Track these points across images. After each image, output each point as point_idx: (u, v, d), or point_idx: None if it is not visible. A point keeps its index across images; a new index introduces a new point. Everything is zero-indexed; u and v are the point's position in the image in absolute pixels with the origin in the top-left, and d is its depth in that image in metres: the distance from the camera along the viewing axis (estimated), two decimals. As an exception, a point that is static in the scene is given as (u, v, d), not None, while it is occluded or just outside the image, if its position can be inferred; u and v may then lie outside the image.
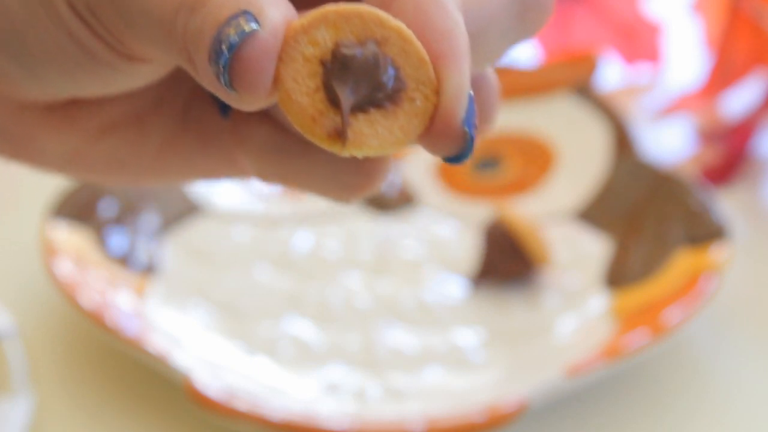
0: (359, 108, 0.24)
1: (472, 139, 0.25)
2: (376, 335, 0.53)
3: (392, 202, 0.62)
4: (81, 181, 0.31)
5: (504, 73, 0.67)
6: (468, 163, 0.64)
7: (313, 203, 0.62)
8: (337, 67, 0.24)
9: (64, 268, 0.52)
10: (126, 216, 0.57)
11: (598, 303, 0.54)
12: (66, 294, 0.51)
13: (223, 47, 0.24)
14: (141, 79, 0.28)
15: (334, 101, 0.24)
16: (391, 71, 0.24)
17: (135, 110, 0.30)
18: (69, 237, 0.55)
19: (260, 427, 0.46)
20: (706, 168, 0.64)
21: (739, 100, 0.66)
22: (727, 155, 0.64)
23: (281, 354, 0.52)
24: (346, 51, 0.24)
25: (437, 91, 0.24)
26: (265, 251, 0.58)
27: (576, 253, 0.57)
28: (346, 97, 0.24)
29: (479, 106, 0.27)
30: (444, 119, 0.25)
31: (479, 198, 0.62)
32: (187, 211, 0.60)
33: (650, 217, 0.57)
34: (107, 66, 0.27)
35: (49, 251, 0.53)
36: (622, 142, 0.62)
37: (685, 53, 0.73)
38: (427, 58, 0.24)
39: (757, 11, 0.65)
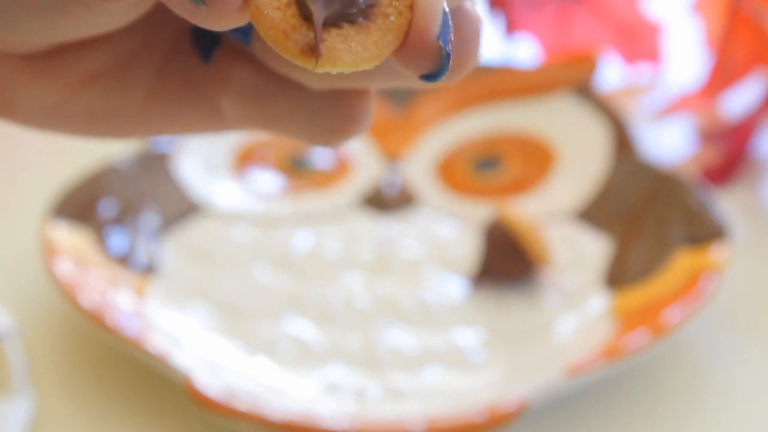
0: (332, 23, 0.24)
1: (447, 55, 0.25)
2: (376, 335, 0.53)
3: (392, 202, 0.62)
4: (62, 135, 0.30)
5: (504, 73, 0.67)
6: (468, 163, 0.64)
7: (314, 203, 0.62)
8: None
9: (64, 268, 0.52)
10: (126, 216, 0.57)
11: (598, 303, 0.54)
12: (66, 294, 0.51)
13: None
14: (117, 17, 0.27)
15: (306, 16, 0.24)
16: None
17: (115, 60, 0.29)
18: (69, 237, 0.55)
19: (260, 427, 0.46)
20: (706, 168, 0.64)
21: (739, 100, 0.66)
22: (727, 155, 0.64)
23: (281, 354, 0.52)
24: None
25: (411, 7, 0.24)
26: (265, 251, 0.58)
27: (576, 253, 0.57)
28: (319, 11, 0.24)
29: (460, 39, 0.27)
30: (418, 34, 0.25)
31: (479, 198, 0.62)
32: (187, 211, 0.60)
33: (650, 217, 0.57)
34: (81, 4, 0.26)
35: (49, 251, 0.53)
36: (622, 142, 0.62)
37: (685, 53, 0.73)
38: None
39: (757, 11, 0.65)
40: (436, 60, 0.25)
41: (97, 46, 0.29)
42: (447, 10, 0.25)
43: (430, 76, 0.25)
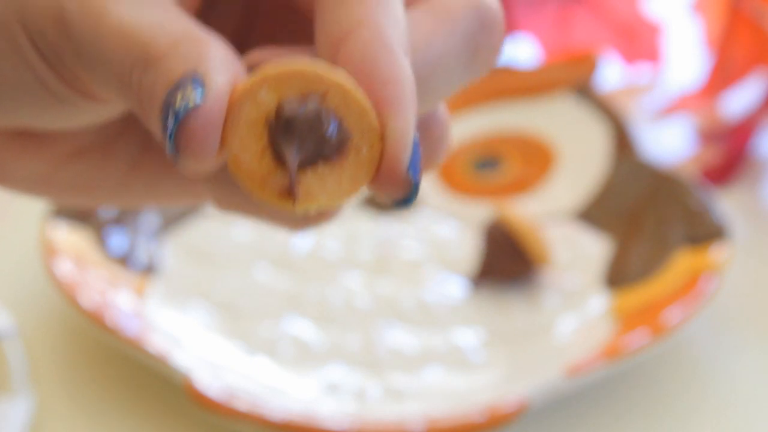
0: (307, 163, 0.25)
1: (416, 185, 0.25)
2: (376, 335, 0.53)
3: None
4: (50, 202, 0.31)
5: (504, 73, 0.67)
6: (468, 163, 0.64)
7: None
8: (281, 127, 0.24)
9: (64, 268, 0.52)
10: (126, 216, 0.57)
11: (598, 303, 0.54)
12: (66, 294, 0.51)
13: (169, 118, 0.24)
14: (103, 115, 0.28)
15: (281, 160, 0.24)
16: (334, 124, 0.24)
17: (101, 137, 0.30)
18: (69, 237, 0.55)
19: (260, 427, 0.46)
20: (706, 168, 0.64)
21: (739, 100, 0.66)
22: (727, 155, 0.64)
23: (281, 354, 0.52)
24: (288, 110, 0.24)
25: (382, 138, 0.25)
26: (265, 251, 0.58)
27: (576, 253, 0.57)
28: (293, 156, 0.24)
29: (429, 144, 0.28)
30: (388, 166, 0.25)
31: (479, 198, 0.62)
32: (187, 211, 0.60)
33: (650, 217, 0.57)
34: (70, 104, 0.27)
35: (49, 251, 0.53)
36: (622, 142, 0.62)
37: (685, 53, 0.73)
38: (368, 106, 0.25)
39: (757, 11, 0.65)
40: (405, 190, 0.25)
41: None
42: (417, 139, 0.25)
43: (400, 203, 0.26)
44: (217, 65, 0.24)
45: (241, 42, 0.30)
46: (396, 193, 0.25)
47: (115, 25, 0.25)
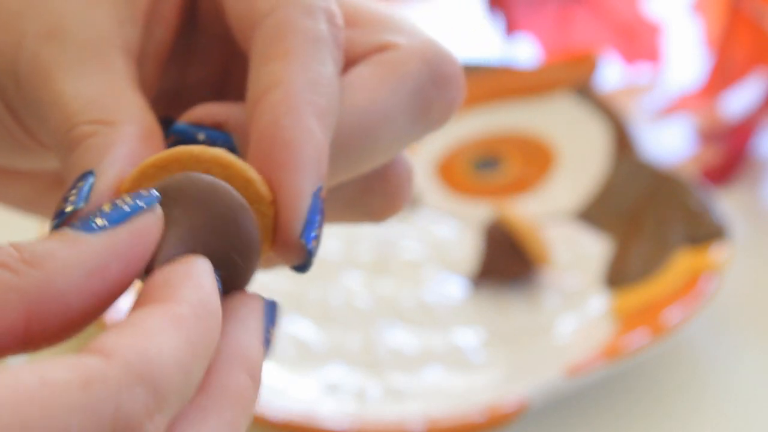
0: None
1: (310, 253, 0.25)
2: (376, 335, 0.53)
3: (392, 202, 0.61)
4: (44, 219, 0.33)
5: (504, 73, 0.67)
6: (468, 163, 0.64)
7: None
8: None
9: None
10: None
11: (598, 303, 0.54)
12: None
13: (58, 215, 0.25)
14: None
15: None
16: None
17: None
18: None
19: (260, 427, 0.46)
20: (706, 168, 0.64)
21: (739, 100, 0.66)
22: (727, 155, 0.64)
23: (281, 354, 0.52)
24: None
25: (273, 203, 0.25)
26: (265, 251, 0.58)
27: (576, 253, 0.57)
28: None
29: (387, 193, 0.28)
30: (281, 233, 0.25)
31: (479, 198, 0.62)
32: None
33: (650, 217, 0.57)
34: (33, 151, 0.28)
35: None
36: (622, 142, 0.62)
37: (685, 53, 0.73)
38: (253, 175, 0.24)
39: (757, 11, 0.65)
40: (300, 257, 0.25)
41: None
42: (318, 203, 0.25)
43: (297, 268, 0.26)
44: (107, 165, 0.25)
45: (222, 86, 0.30)
46: (291, 259, 0.26)
47: (56, 93, 0.26)
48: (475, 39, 0.79)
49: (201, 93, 0.30)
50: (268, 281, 0.56)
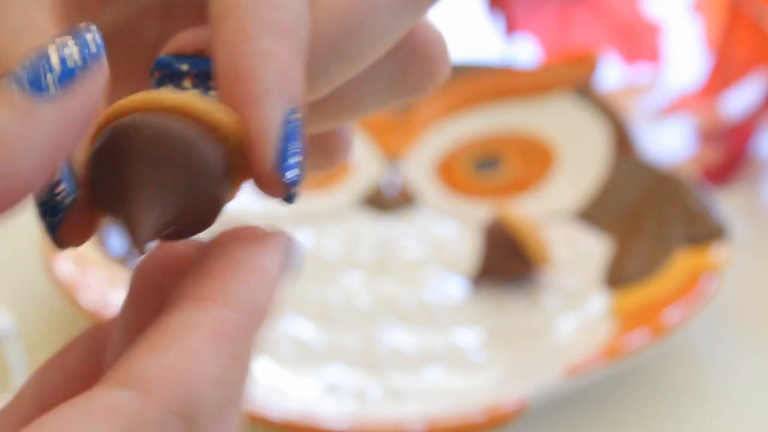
0: None
1: (290, 184, 0.24)
2: (376, 335, 0.53)
3: (392, 202, 0.62)
4: None
5: (504, 73, 0.67)
6: (468, 163, 0.64)
7: (314, 203, 0.62)
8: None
9: (64, 268, 0.52)
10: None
11: (598, 303, 0.54)
12: (66, 294, 0.51)
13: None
14: None
15: None
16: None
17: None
18: (69, 237, 0.54)
19: (260, 427, 0.46)
20: (706, 168, 0.64)
21: (739, 100, 0.66)
22: (727, 155, 0.64)
23: (281, 354, 0.52)
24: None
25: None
26: (265, 251, 0.58)
27: (576, 253, 0.57)
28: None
29: (428, 63, 0.26)
30: (255, 168, 0.23)
31: (479, 198, 0.62)
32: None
33: (650, 217, 0.57)
34: None
35: (49, 251, 0.53)
36: (622, 142, 0.62)
37: (685, 53, 0.73)
38: (218, 116, 0.23)
39: (757, 11, 0.65)
40: (281, 189, 0.24)
41: None
42: (293, 124, 0.23)
43: (285, 201, 0.24)
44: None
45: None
46: (272, 194, 0.24)
47: None
48: (475, 39, 0.79)
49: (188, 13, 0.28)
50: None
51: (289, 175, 0.24)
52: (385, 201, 0.62)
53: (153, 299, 0.25)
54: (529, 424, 0.48)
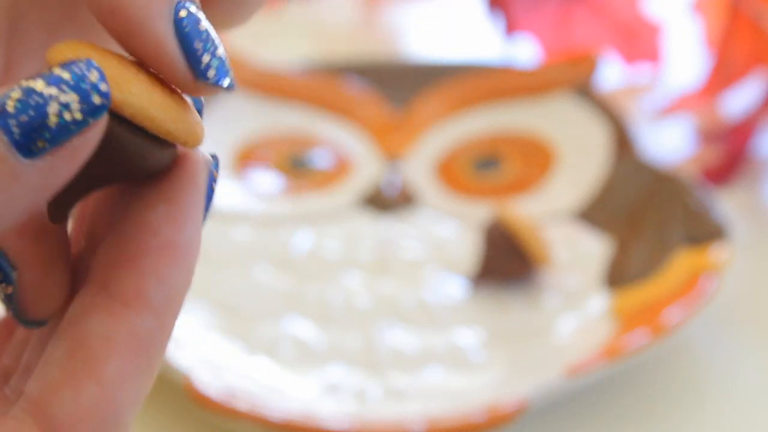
0: None
1: (214, 81, 0.22)
2: (376, 335, 0.53)
3: (392, 202, 0.62)
4: None
5: (504, 73, 0.67)
6: (468, 163, 0.64)
7: (314, 203, 0.62)
8: None
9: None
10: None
11: (598, 303, 0.54)
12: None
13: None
14: None
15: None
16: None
17: None
18: (69, 237, 0.54)
19: (260, 427, 0.46)
20: (706, 168, 0.64)
21: (739, 100, 0.66)
22: (727, 155, 0.64)
23: (281, 354, 0.52)
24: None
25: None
26: (265, 251, 0.58)
27: (576, 253, 0.57)
28: None
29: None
30: (174, 83, 0.22)
31: (479, 198, 0.62)
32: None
33: (650, 217, 0.57)
34: None
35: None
36: (622, 142, 0.62)
37: (685, 53, 0.73)
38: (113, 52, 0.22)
39: (757, 11, 0.65)
40: (208, 88, 0.22)
41: None
42: (187, 20, 0.22)
43: (226, 90, 0.23)
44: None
45: None
46: (201, 94, 0.22)
47: None
48: (475, 39, 0.79)
49: None
50: (268, 281, 0.56)
51: (211, 73, 0.22)
52: (385, 201, 0.62)
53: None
54: (529, 424, 0.48)
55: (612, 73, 0.71)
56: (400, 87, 0.68)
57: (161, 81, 0.22)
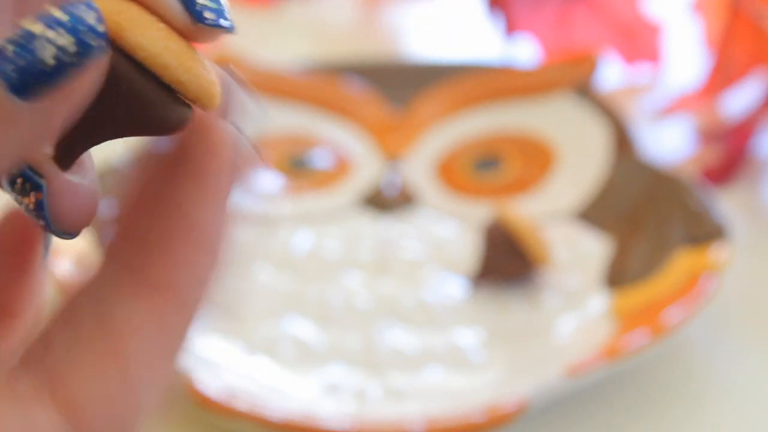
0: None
1: (217, 21, 0.22)
2: (376, 335, 0.53)
3: (392, 202, 0.62)
4: None
5: (504, 73, 0.67)
6: (468, 163, 0.64)
7: (314, 203, 0.62)
8: None
9: (64, 268, 0.52)
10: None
11: (598, 303, 0.54)
12: (66, 294, 0.51)
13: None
14: None
15: None
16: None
17: None
18: (69, 237, 0.54)
19: (260, 427, 0.46)
20: (706, 168, 0.64)
21: (739, 100, 0.66)
22: (727, 155, 0.64)
23: (281, 354, 0.52)
24: None
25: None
26: (265, 251, 0.58)
27: (576, 253, 0.57)
28: None
29: None
30: (175, 28, 0.22)
31: (479, 198, 0.62)
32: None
33: (650, 217, 0.57)
34: None
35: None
36: (622, 142, 0.62)
37: (685, 53, 0.73)
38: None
39: (757, 11, 0.65)
40: (211, 33, 0.22)
41: None
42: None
43: (227, 32, 0.22)
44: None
45: None
46: (202, 39, 0.22)
47: None
48: (475, 39, 0.79)
49: None
50: (268, 281, 0.56)
51: (208, 14, 0.22)
52: (385, 201, 0.62)
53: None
54: (529, 424, 0.48)
55: (612, 73, 0.71)
56: (400, 87, 0.68)
57: (180, 36, 0.22)
